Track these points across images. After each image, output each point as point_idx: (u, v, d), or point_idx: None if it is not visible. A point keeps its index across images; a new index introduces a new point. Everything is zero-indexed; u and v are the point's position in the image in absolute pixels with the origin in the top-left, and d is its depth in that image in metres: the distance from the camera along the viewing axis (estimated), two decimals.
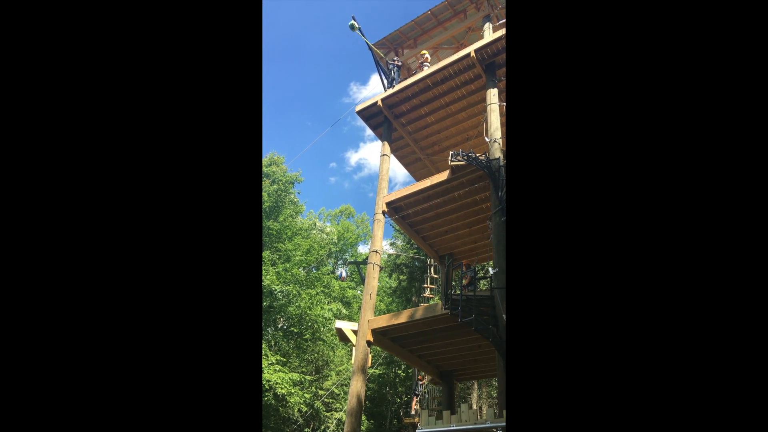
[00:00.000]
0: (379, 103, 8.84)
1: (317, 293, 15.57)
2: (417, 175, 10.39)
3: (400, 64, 9.62)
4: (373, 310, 7.65)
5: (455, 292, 6.54)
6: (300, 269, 15.65)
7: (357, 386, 6.77)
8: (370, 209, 8.09)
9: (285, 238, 16.90)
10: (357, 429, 6.50)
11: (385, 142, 8.99)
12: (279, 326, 16.17)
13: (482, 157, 6.73)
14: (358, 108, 9.26)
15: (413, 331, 7.21)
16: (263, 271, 13.84)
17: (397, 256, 20.04)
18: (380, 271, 8.47)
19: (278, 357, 13.45)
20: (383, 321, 7.17)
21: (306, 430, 15.91)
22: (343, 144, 57.66)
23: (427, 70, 8.49)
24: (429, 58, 9.33)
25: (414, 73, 9.31)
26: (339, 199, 55.86)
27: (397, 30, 9.76)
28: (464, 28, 9.65)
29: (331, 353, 17.29)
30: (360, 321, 7.45)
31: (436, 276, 11.48)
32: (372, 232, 8.33)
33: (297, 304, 14.55)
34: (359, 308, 19.11)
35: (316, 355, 16.98)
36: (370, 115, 9.25)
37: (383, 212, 8.21)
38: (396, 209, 8.36)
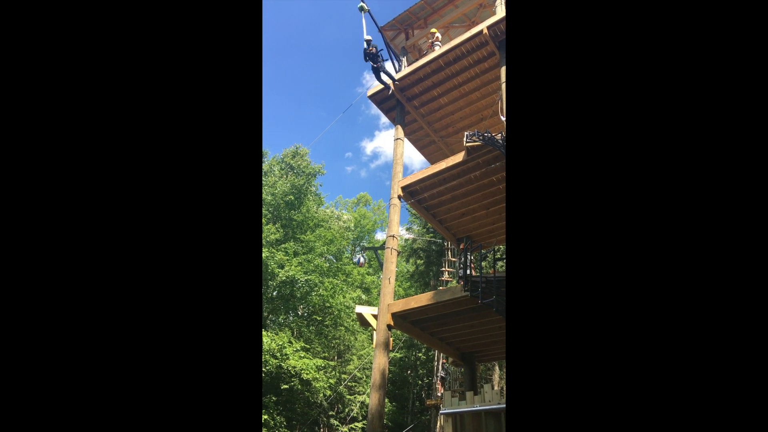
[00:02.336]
0: (391, 86, 8.73)
1: (339, 282, 15.76)
2: (432, 158, 10.30)
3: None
4: (392, 295, 7.69)
5: (474, 273, 6.51)
6: (322, 259, 15.82)
7: (380, 362, 6.89)
8: (387, 197, 8.10)
9: (307, 229, 17.06)
10: (382, 403, 6.63)
11: (399, 126, 8.91)
12: (301, 314, 16.45)
13: (498, 137, 6.61)
14: (370, 92, 9.17)
15: (433, 314, 7.24)
16: (286, 262, 14.04)
17: (414, 240, 20.05)
18: (398, 255, 8.49)
19: (302, 343, 13.72)
20: (403, 305, 7.21)
21: (331, 413, 16.27)
22: (358, 133, 57.53)
23: (438, 50, 8.33)
24: (440, 37, 9.13)
25: (425, 54, 9.15)
26: (356, 188, 56.08)
27: (406, 10, 9.56)
28: (475, 5, 9.39)
29: (352, 338, 17.55)
30: (380, 305, 7.51)
31: (453, 259, 11.46)
32: (388, 217, 8.32)
33: (319, 292, 14.74)
34: (378, 294, 19.29)
35: (337, 340, 17.26)
36: (383, 99, 9.16)
37: (399, 197, 8.18)
38: (412, 193, 8.32)
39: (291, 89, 55.92)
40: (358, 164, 54.82)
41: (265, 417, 12.10)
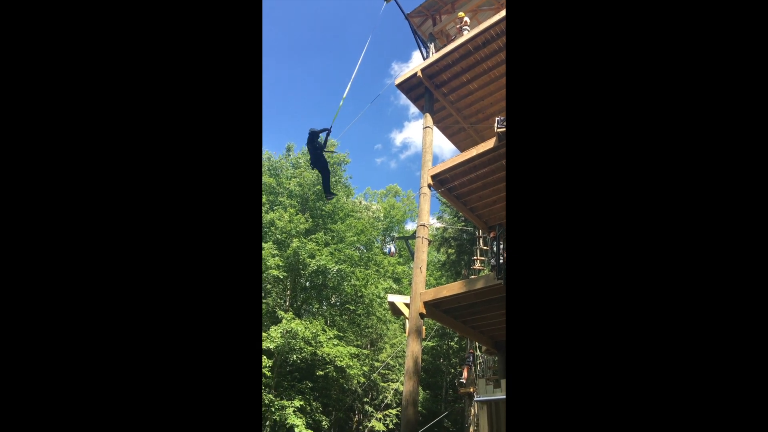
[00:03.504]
0: (419, 74, 8.65)
1: (371, 272, 15.93)
2: (461, 145, 10.16)
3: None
4: (423, 284, 7.71)
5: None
6: (353, 249, 16.02)
7: (413, 349, 6.96)
8: (416, 187, 8.06)
9: (337, 219, 17.28)
10: (416, 390, 6.70)
11: (427, 114, 8.83)
12: (333, 303, 16.76)
13: None
14: (398, 81, 9.12)
15: (465, 303, 7.21)
16: (317, 252, 14.29)
17: (445, 229, 19.93)
18: (429, 245, 8.48)
19: (335, 332, 13.99)
20: (434, 293, 7.22)
21: (365, 399, 16.57)
22: (387, 125, 57.35)
23: (466, 35, 8.17)
24: (468, 21, 8.94)
25: (453, 39, 8.99)
26: (386, 179, 55.99)
27: None
28: None
29: (384, 328, 17.73)
30: (412, 294, 7.55)
31: (485, 247, 11.33)
32: (418, 207, 8.31)
33: (351, 282, 14.95)
34: (409, 283, 19.34)
35: (370, 329, 17.49)
36: (410, 87, 9.09)
37: (429, 186, 8.14)
38: (442, 182, 8.26)
39: (318, 85, 56.24)
40: (388, 156, 54.78)
41: (301, 402, 12.47)
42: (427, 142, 8.67)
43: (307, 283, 15.69)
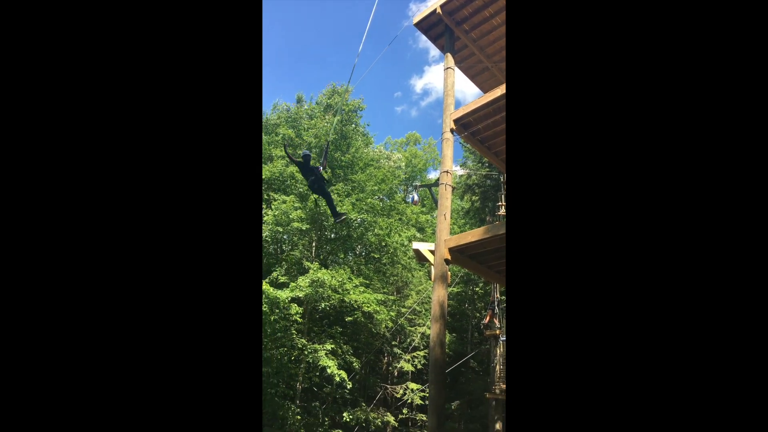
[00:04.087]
0: (438, 10, 8.11)
1: (393, 221, 16.01)
2: (485, 86, 9.70)
3: None
4: (448, 231, 7.69)
5: None
6: (374, 199, 16.03)
7: (439, 294, 7.09)
8: (438, 134, 7.79)
9: (357, 170, 17.18)
10: (442, 333, 6.91)
11: (448, 54, 8.38)
12: (358, 253, 17.09)
13: None
14: (416, 19, 8.61)
15: (490, 248, 7.19)
16: (339, 203, 14.39)
17: (469, 176, 19.60)
18: (452, 192, 8.36)
19: (361, 280, 14.37)
20: (459, 239, 7.21)
21: (393, 342, 17.30)
22: (406, 71, 55.17)
23: None
24: None
25: None
26: (407, 128, 54.91)
27: None
28: None
29: (410, 275, 18.08)
30: (436, 241, 7.56)
31: None
32: (441, 153, 8.12)
33: (374, 231, 15.10)
34: (432, 232, 19.41)
35: (395, 277, 17.87)
36: (429, 25, 8.58)
37: (451, 130, 7.90)
38: (465, 126, 7.98)
39: (333, 31, 54.03)
40: (408, 103, 53.24)
41: (332, 346, 13.10)
42: (448, 84, 8.30)
43: (332, 235, 15.95)
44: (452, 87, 8.26)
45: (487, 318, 14.02)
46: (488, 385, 14.42)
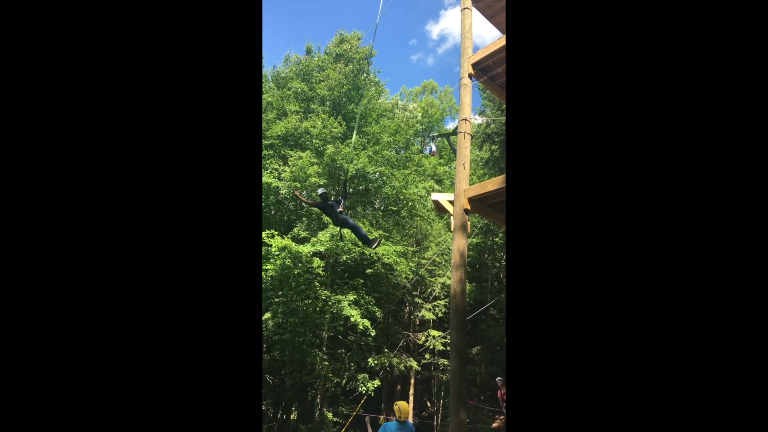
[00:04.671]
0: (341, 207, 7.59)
1: (410, 173, 15.85)
2: (504, 27, 9.15)
3: None
4: (467, 180, 7.58)
5: None
6: (390, 151, 15.83)
7: (459, 243, 7.14)
8: (456, 83, 7.41)
9: (371, 121, 16.86)
10: (463, 281, 7.01)
11: None
12: (377, 207, 17.14)
13: None
14: None
15: None
16: (355, 156, 14.28)
17: (488, 125, 19.05)
18: (471, 140, 8.16)
19: (381, 233, 14.52)
20: (479, 188, 7.11)
21: (414, 293, 17.72)
22: (421, 17, 52.50)
23: None
24: None
25: None
26: (423, 77, 52.92)
27: None
28: None
29: (429, 227, 18.15)
30: (456, 191, 7.49)
31: None
32: (458, 101, 7.85)
33: (391, 184, 15.04)
34: (451, 184, 19.22)
35: (414, 229, 17.99)
36: None
37: (470, 75, 7.58)
38: (483, 70, 7.63)
39: None
40: (425, 51, 51.09)
41: (354, 297, 13.51)
42: (465, 26, 7.86)
43: (350, 190, 15.98)
44: (470, 29, 7.82)
45: None
46: None
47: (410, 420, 5.01)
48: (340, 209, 6.34)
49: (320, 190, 6.57)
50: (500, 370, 15.95)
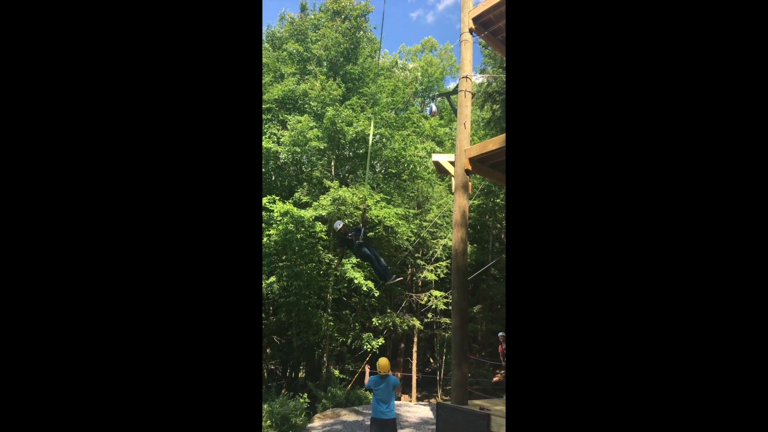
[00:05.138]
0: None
1: (409, 134, 15.64)
2: None
3: None
4: (468, 140, 7.50)
5: None
6: (389, 111, 15.54)
7: (460, 203, 7.17)
8: (456, 40, 7.09)
9: (368, 81, 16.46)
10: (464, 240, 7.09)
11: None
12: (377, 170, 17.05)
13: None
14: None
15: None
16: (354, 119, 14.06)
17: (489, 84, 18.61)
18: (472, 98, 8.00)
19: (381, 195, 14.53)
20: (480, 148, 7.05)
21: (416, 254, 17.94)
22: None
23: None
24: None
25: None
26: (423, 35, 51.03)
27: None
28: None
29: (430, 189, 18.12)
30: (456, 151, 7.42)
31: None
32: (459, 58, 7.63)
33: (391, 146, 14.89)
34: (452, 146, 18.99)
35: (416, 192, 17.97)
36: None
37: (470, 31, 7.32)
38: (484, 24, 7.37)
39: None
40: (424, 7, 49.07)
41: (357, 259, 13.70)
42: None
43: (350, 154, 15.83)
44: None
45: None
46: None
47: (394, 374, 5.57)
48: (359, 240, 6.33)
49: (338, 224, 6.53)
50: (501, 327, 16.40)
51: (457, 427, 6.19)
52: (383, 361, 5.42)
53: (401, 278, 7.61)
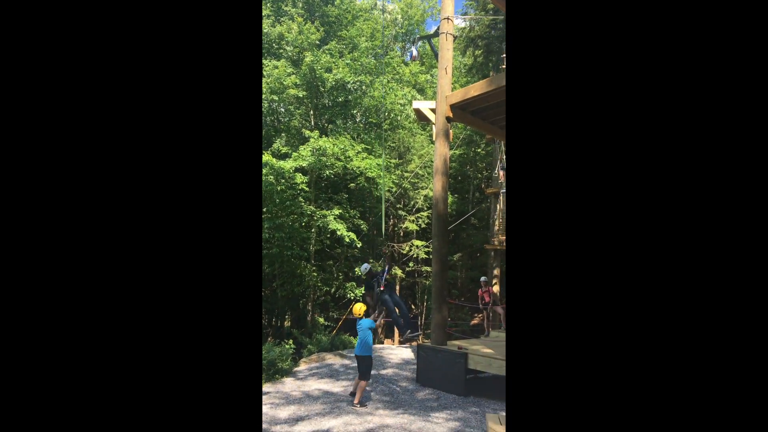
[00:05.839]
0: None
1: (388, 81, 15.18)
2: None
3: None
4: (449, 86, 7.34)
5: None
6: (368, 57, 14.95)
7: (441, 150, 7.15)
8: None
9: (346, 23, 15.69)
10: (445, 188, 7.14)
11: None
12: (357, 120, 16.67)
13: None
14: None
15: (493, 102, 6.93)
16: (333, 65, 13.50)
17: (471, 28, 17.97)
18: (453, 42, 7.74)
19: (363, 146, 14.32)
20: (462, 94, 6.92)
21: (398, 205, 18.05)
22: None
23: None
24: None
25: None
26: None
27: None
28: None
29: (412, 140, 17.93)
30: (437, 97, 7.28)
31: None
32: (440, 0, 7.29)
33: (371, 94, 14.49)
34: (433, 94, 18.55)
35: (397, 142, 17.76)
36: None
37: None
38: None
39: None
40: None
41: (340, 211, 13.72)
42: None
43: (329, 102, 15.36)
44: None
45: (502, 176, 14.31)
46: (488, 238, 15.44)
47: (370, 318, 6.11)
48: (381, 287, 6.36)
49: (364, 268, 6.55)
50: (480, 273, 16.98)
51: (436, 365, 6.55)
52: (355, 307, 6.05)
53: (419, 333, 7.67)
